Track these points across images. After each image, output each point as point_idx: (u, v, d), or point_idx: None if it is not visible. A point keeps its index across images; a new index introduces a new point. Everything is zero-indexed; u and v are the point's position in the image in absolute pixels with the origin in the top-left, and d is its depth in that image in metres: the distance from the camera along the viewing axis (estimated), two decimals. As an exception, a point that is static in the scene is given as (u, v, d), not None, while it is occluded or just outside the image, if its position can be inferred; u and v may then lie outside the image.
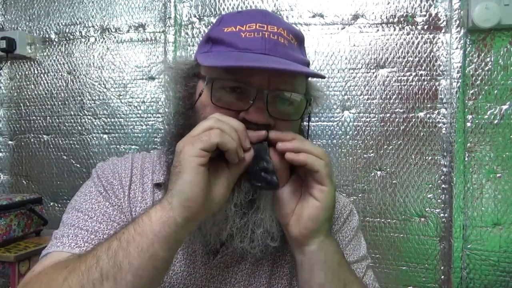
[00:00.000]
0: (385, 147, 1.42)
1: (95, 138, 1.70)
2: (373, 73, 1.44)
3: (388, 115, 1.42)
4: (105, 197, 0.64)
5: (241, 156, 0.51)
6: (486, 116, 1.35)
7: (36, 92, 1.76)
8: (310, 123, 0.68)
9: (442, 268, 1.38)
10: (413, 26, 1.40)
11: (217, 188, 0.51)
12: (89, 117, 1.70)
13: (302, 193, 0.57)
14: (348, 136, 1.45)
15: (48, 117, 1.75)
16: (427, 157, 1.39)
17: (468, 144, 1.35)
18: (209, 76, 0.57)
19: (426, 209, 1.39)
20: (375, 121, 1.43)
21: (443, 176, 1.38)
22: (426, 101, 1.39)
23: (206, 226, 0.56)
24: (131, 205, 0.63)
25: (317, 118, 1.46)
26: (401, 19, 1.42)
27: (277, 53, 0.56)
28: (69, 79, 1.73)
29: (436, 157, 1.39)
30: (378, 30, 1.43)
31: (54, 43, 1.75)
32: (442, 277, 1.38)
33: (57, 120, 1.74)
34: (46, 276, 0.49)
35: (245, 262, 0.63)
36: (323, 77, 0.59)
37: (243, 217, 0.55)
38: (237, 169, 0.52)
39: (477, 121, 1.35)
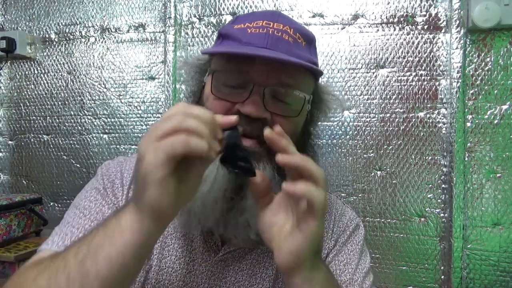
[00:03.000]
0: (385, 147, 1.42)
1: (95, 138, 1.70)
2: (373, 73, 1.44)
3: (388, 115, 1.42)
4: (103, 195, 0.65)
5: (216, 151, 0.46)
6: (486, 116, 1.35)
7: (36, 92, 1.76)
8: (314, 126, 0.68)
9: (442, 268, 1.38)
10: (413, 26, 1.40)
11: (189, 181, 0.46)
12: (89, 117, 1.70)
13: (292, 214, 0.50)
14: (348, 136, 1.45)
15: (48, 117, 1.75)
16: (427, 157, 1.39)
17: (468, 144, 1.35)
18: (211, 68, 0.60)
19: (426, 209, 1.39)
20: (375, 121, 1.43)
21: (443, 176, 1.38)
22: (426, 101, 1.39)
23: (194, 209, 0.56)
24: None
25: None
26: (401, 19, 1.42)
27: (279, 49, 0.56)
28: (69, 79, 1.73)
29: (436, 157, 1.39)
30: (378, 30, 1.43)
31: (54, 43, 1.75)
32: (442, 277, 1.38)
33: (57, 120, 1.74)
34: (21, 275, 0.49)
35: (246, 262, 0.63)
36: (320, 72, 0.59)
37: (229, 202, 0.55)
38: (209, 160, 0.47)
39: (477, 121, 1.35)
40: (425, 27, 1.39)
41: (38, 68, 1.77)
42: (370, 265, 0.71)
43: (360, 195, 1.44)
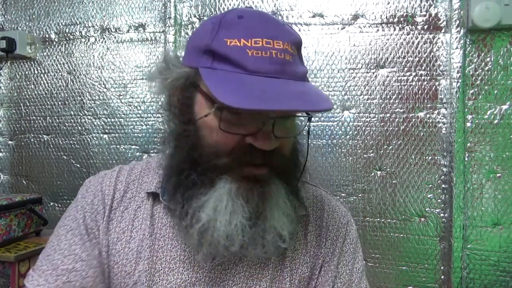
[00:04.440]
0: (385, 147, 1.42)
1: (95, 138, 1.70)
2: (373, 73, 1.44)
3: (388, 115, 1.42)
4: (78, 223, 0.64)
5: None
6: (486, 116, 1.35)
7: (36, 92, 1.76)
8: (309, 127, 0.67)
9: (442, 268, 1.38)
10: (413, 26, 1.40)
11: None
12: (89, 117, 1.70)
13: None
14: (348, 136, 1.45)
15: (48, 117, 1.75)
16: (427, 157, 1.39)
17: (468, 144, 1.35)
18: (218, 105, 0.53)
19: (426, 209, 1.39)
20: (375, 121, 1.43)
21: (443, 176, 1.38)
22: (426, 101, 1.39)
23: (217, 239, 0.55)
24: (109, 225, 0.64)
25: (317, 118, 1.47)
26: (401, 19, 1.42)
27: (285, 74, 0.54)
28: (69, 79, 1.73)
29: (436, 157, 1.39)
30: (378, 30, 1.43)
31: (54, 43, 1.75)
32: (442, 277, 1.38)
33: (57, 120, 1.74)
34: None
35: (243, 264, 0.62)
36: (328, 109, 0.54)
37: (252, 227, 0.55)
38: None
39: (477, 121, 1.35)
40: (425, 27, 1.39)
41: (38, 68, 1.77)
42: (363, 262, 0.72)
43: (360, 195, 1.44)
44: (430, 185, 1.39)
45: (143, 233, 0.62)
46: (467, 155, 1.35)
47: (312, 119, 0.68)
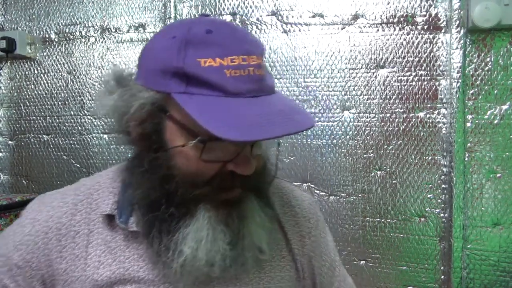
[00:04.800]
0: (385, 147, 1.42)
1: (95, 138, 1.70)
2: (373, 73, 1.44)
3: (388, 115, 1.42)
4: (7, 254, 0.61)
5: None
6: (486, 116, 1.35)
7: (36, 92, 1.76)
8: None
9: (442, 268, 1.38)
10: (413, 26, 1.40)
11: None
12: (89, 117, 1.70)
13: None
14: (348, 136, 1.45)
15: (48, 117, 1.75)
16: (427, 157, 1.39)
17: (468, 144, 1.35)
18: (202, 138, 0.50)
19: (426, 209, 1.39)
20: (375, 121, 1.43)
21: (443, 176, 1.38)
22: (426, 101, 1.39)
23: (198, 267, 0.54)
24: (62, 253, 0.60)
25: (317, 118, 1.47)
26: (401, 19, 1.42)
27: (263, 91, 0.52)
28: (69, 79, 1.73)
29: (436, 157, 1.39)
30: (378, 30, 1.43)
31: (54, 43, 1.75)
32: (442, 277, 1.38)
33: (57, 120, 1.74)
34: None
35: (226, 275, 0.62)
36: (313, 127, 0.54)
37: (232, 249, 0.54)
38: None
39: (477, 121, 1.35)
40: (425, 27, 1.39)
41: (38, 68, 1.77)
42: (331, 235, 0.74)
43: (360, 195, 1.44)
44: (430, 185, 1.39)
45: (99, 260, 0.58)
46: (467, 155, 1.35)
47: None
